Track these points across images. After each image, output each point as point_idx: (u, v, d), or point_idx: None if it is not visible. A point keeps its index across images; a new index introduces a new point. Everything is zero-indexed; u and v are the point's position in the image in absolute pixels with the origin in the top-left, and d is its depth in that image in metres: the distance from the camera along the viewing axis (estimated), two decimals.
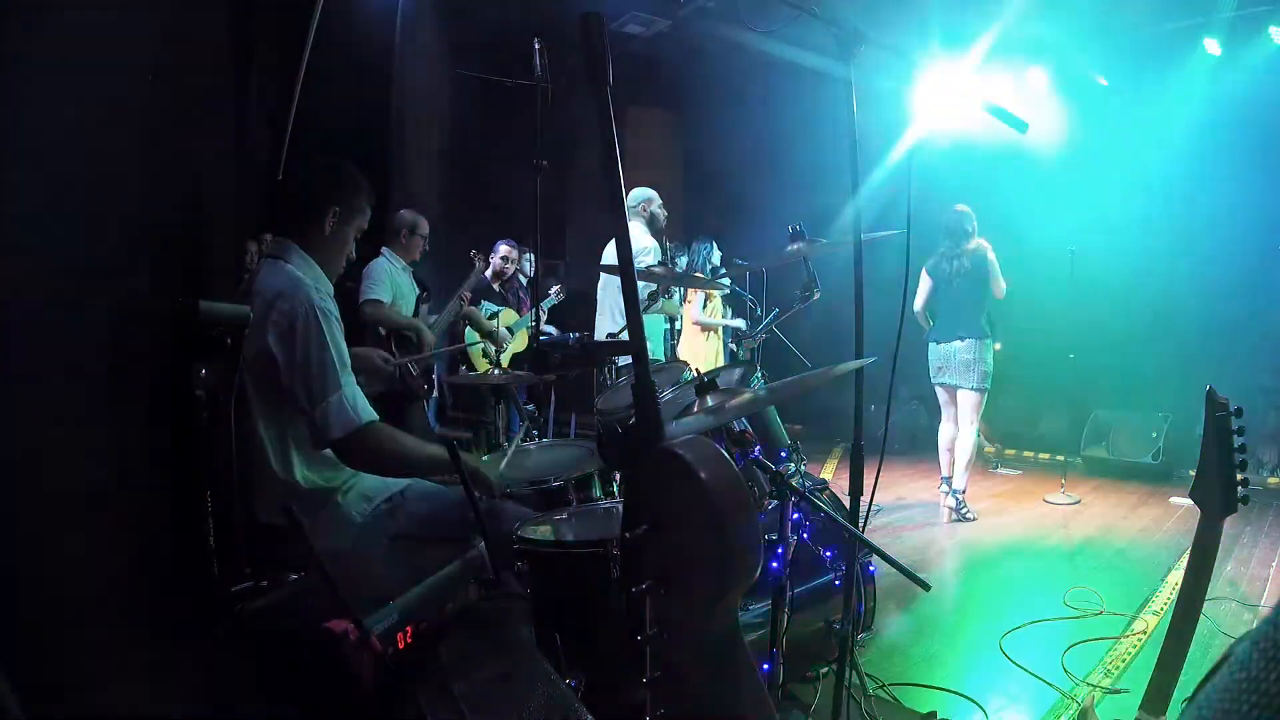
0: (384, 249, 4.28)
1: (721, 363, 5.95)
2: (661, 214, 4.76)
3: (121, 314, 1.24)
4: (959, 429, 4.96)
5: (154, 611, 1.67)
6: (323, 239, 2.07)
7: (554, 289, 6.03)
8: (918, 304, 5.08)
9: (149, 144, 1.74)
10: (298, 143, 3.76)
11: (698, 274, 5.82)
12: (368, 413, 1.93)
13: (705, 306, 5.99)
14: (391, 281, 4.20)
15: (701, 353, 5.88)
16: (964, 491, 4.92)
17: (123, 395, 1.22)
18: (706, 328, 6.00)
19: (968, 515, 4.87)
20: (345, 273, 2.26)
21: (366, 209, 2.15)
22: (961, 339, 4.90)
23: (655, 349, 4.83)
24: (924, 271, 5.06)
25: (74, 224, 1.57)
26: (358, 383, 1.99)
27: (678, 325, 5.87)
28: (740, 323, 6.03)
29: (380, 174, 6.62)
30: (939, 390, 5.10)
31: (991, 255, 4.87)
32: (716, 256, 6.07)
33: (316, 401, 1.87)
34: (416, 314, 4.37)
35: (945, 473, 5.09)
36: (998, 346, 5.01)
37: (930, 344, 5.07)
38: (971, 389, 4.87)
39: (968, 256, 4.90)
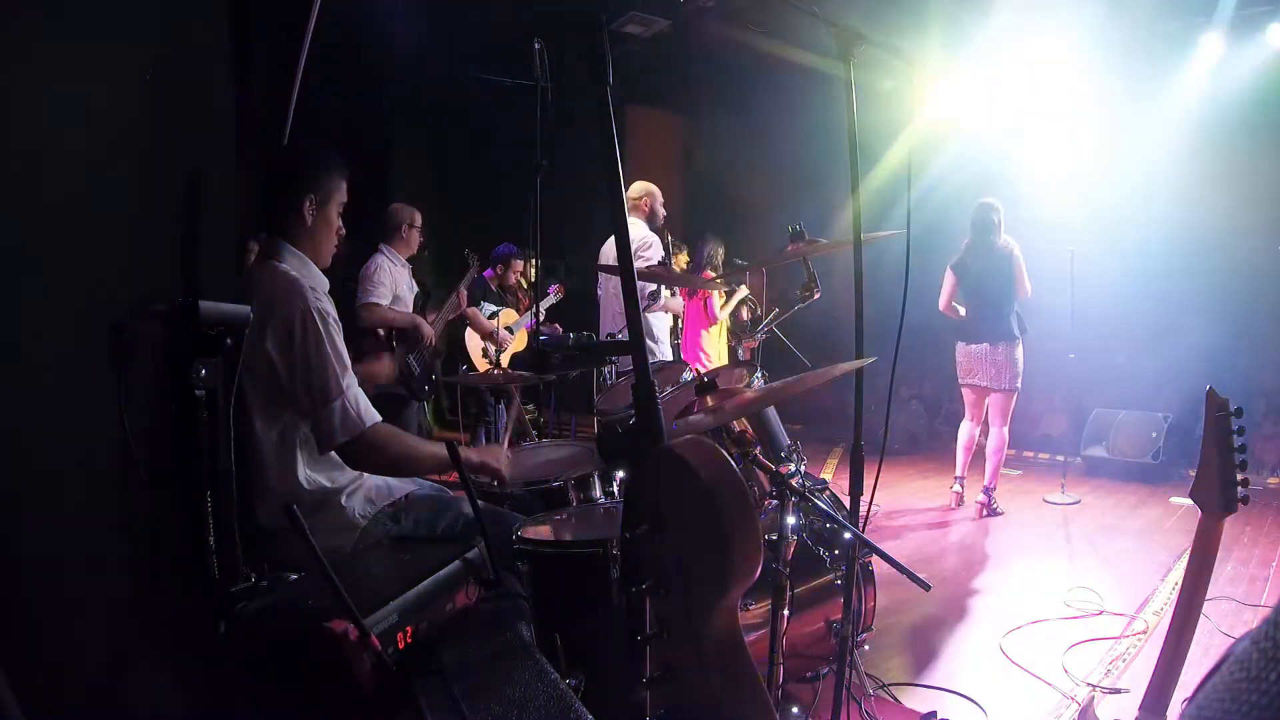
0: (382, 246, 4.26)
1: (728, 360, 5.93)
2: (661, 211, 4.75)
3: (121, 314, 1.24)
4: (990, 429, 4.98)
5: (154, 612, 1.67)
6: (306, 229, 2.06)
7: (552, 289, 6.03)
8: (942, 302, 5.02)
9: (149, 143, 1.74)
10: (297, 142, 3.75)
11: (706, 272, 5.81)
12: (371, 415, 1.92)
13: (720, 303, 5.94)
14: (391, 280, 4.20)
15: (715, 349, 5.86)
16: (994, 488, 4.99)
17: (123, 396, 1.22)
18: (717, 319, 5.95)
19: (997, 510, 4.95)
20: (345, 273, 2.26)
21: (341, 184, 2.14)
22: (991, 343, 4.85)
23: (664, 349, 4.81)
24: (949, 269, 5.01)
25: (74, 224, 1.58)
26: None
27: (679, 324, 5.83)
28: (744, 290, 5.99)
29: (380, 174, 6.63)
30: (965, 390, 5.06)
31: (1019, 253, 4.83)
32: (720, 256, 6.05)
33: (320, 406, 1.87)
34: (416, 313, 4.36)
35: (959, 472, 5.12)
36: None
37: (958, 344, 5.03)
38: (1004, 390, 4.86)
39: (995, 254, 4.83)
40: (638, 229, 4.53)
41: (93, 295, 1.57)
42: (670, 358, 4.79)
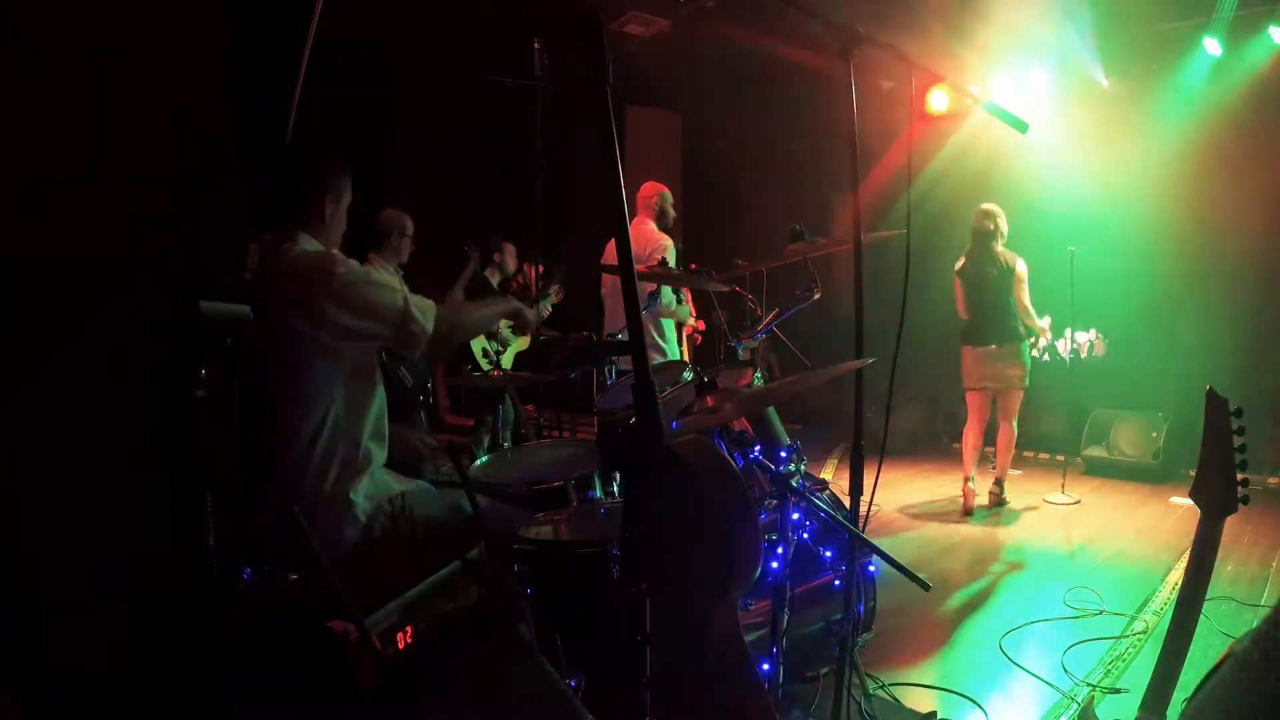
0: (370, 255, 4.05)
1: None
2: (671, 211, 4.76)
3: (122, 315, 1.24)
4: (1000, 425, 5.05)
5: (154, 611, 1.67)
6: (325, 225, 2.20)
7: (552, 288, 6.00)
8: (960, 310, 5.08)
9: (149, 143, 1.74)
10: (299, 141, 3.74)
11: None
12: (432, 305, 2.11)
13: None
14: None
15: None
16: (1004, 479, 5.14)
17: (124, 396, 1.22)
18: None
19: (1004, 499, 5.11)
20: None
21: (350, 184, 2.29)
22: (999, 343, 4.90)
23: (673, 350, 4.79)
24: (955, 276, 5.04)
25: (73, 224, 1.58)
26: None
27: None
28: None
29: (380, 174, 6.62)
30: (970, 395, 5.08)
31: (1020, 269, 4.85)
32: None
33: (400, 326, 2.03)
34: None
35: (967, 472, 5.11)
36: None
37: (965, 348, 5.04)
38: (1013, 389, 4.95)
39: (995, 263, 4.87)
40: (645, 227, 4.53)
41: (94, 295, 1.57)
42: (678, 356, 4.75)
